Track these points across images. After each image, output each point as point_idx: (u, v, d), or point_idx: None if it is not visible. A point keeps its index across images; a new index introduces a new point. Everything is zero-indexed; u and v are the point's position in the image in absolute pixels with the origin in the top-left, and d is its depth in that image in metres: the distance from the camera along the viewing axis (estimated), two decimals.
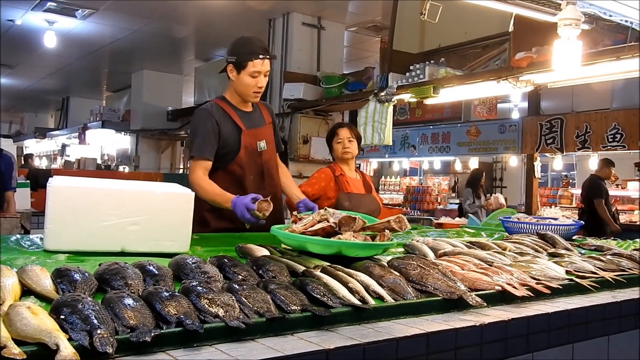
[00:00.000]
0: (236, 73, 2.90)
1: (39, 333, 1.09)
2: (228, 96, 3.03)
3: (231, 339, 1.28)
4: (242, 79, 2.89)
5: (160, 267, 1.64)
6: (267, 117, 3.13)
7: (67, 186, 2.05)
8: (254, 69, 2.86)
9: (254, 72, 2.87)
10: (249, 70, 2.86)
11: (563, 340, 1.80)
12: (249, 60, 2.85)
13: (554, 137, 9.35)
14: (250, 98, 2.98)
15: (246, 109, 3.03)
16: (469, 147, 10.93)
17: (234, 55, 2.90)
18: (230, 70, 2.92)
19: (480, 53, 6.23)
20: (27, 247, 2.07)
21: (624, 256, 2.50)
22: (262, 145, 3.00)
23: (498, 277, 1.88)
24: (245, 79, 2.88)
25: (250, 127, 2.98)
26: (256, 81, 2.89)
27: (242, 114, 2.99)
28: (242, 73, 2.88)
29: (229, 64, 2.92)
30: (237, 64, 2.89)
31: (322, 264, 1.83)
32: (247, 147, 2.94)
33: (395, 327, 1.48)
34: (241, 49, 2.90)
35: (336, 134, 3.74)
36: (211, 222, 2.95)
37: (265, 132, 3.05)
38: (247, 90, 2.92)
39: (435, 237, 2.81)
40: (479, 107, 10.63)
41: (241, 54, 2.88)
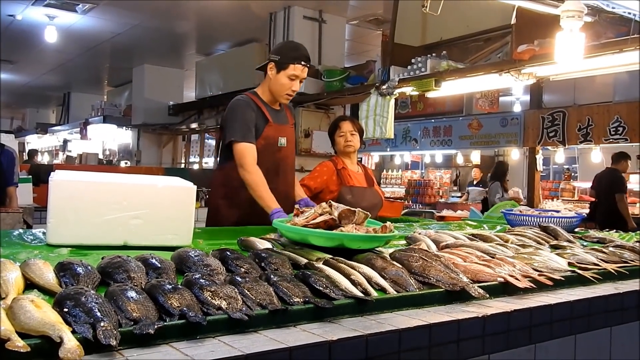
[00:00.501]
0: (275, 72, 3.03)
1: (42, 326, 1.09)
2: (259, 92, 3.14)
3: (234, 331, 1.28)
4: (279, 78, 3.02)
5: (163, 260, 1.64)
6: (290, 118, 3.24)
7: (70, 180, 2.05)
8: (293, 72, 3.00)
9: (292, 75, 3.00)
10: (289, 72, 3.00)
11: (565, 331, 1.80)
12: (291, 63, 3.00)
13: (556, 131, 9.33)
14: (282, 99, 3.10)
15: (274, 107, 3.15)
16: (471, 141, 10.91)
17: (279, 55, 3.04)
18: (270, 68, 3.05)
19: (482, 46, 6.21)
20: (29, 241, 2.07)
21: (626, 248, 2.50)
22: (283, 141, 3.11)
23: (500, 268, 1.88)
24: (282, 79, 3.01)
25: (276, 122, 3.09)
26: (292, 84, 3.02)
27: (271, 109, 3.11)
28: (282, 73, 3.01)
29: (271, 62, 3.04)
30: (279, 64, 3.02)
31: (324, 257, 1.83)
32: (267, 139, 3.04)
33: (398, 319, 1.48)
34: (287, 52, 3.06)
35: (338, 127, 3.74)
36: (222, 210, 3.08)
37: (288, 131, 3.16)
38: (281, 90, 3.03)
39: (437, 230, 2.81)
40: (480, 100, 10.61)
41: (286, 56, 3.03)
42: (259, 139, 3.01)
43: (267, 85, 3.10)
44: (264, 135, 3.02)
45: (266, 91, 3.12)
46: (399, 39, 6.73)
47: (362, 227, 2.11)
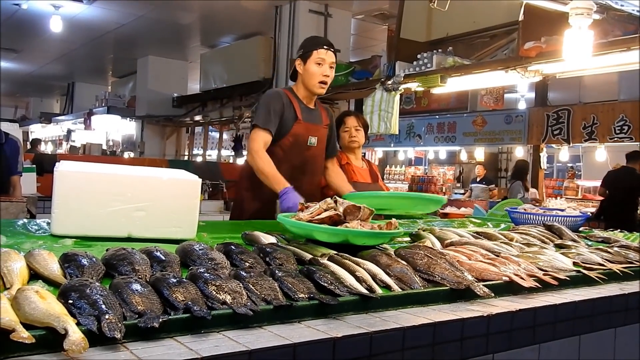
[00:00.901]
0: (303, 65, 3.05)
1: (47, 317, 1.09)
2: (295, 89, 3.15)
3: (238, 326, 1.28)
4: (308, 68, 3.04)
5: (168, 253, 1.64)
6: (325, 119, 3.22)
7: (74, 171, 2.04)
8: (318, 57, 3.02)
9: (318, 59, 3.02)
10: (314, 58, 3.02)
11: (569, 332, 1.79)
12: (313, 49, 3.03)
13: (560, 128, 9.31)
14: (316, 88, 3.08)
15: (309, 104, 3.14)
16: (475, 138, 10.89)
17: (301, 49, 3.09)
18: (298, 65, 3.08)
19: (489, 42, 6.18)
20: (34, 232, 2.07)
21: (631, 248, 2.48)
22: (313, 141, 3.11)
23: (505, 267, 1.88)
24: (311, 67, 3.03)
25: (307, 120, 3.09)
26: (322, 70, 3.03)
27: (304, 107, 3.11)
28: (308, 62, 3.03)
29: (297, 59, 3.08)
30: (303, 56, 3.06)
31: (329, 252, 1.82)
32: (296, 137, 3.04)
33: (402, 317, 1.47)
34: (307, 42, 3.13)
35: (343, 122, 3.73)
36: (245, 203, 3.13)
37: (319, 130, 3.15)
38: (313, 79, 3.04)
39: (441, 227, 2.80)
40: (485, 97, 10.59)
41: (307, 46, 3.08)
42: (287, 135, 3.02)
43: (300, 82, 3.12)
44: (292, 132, 3.03)
45: (301, 88, 3.12)
46: (405, 34, 6.70)
47: (367, 223, 2.11)
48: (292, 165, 2.99)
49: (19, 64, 14.38)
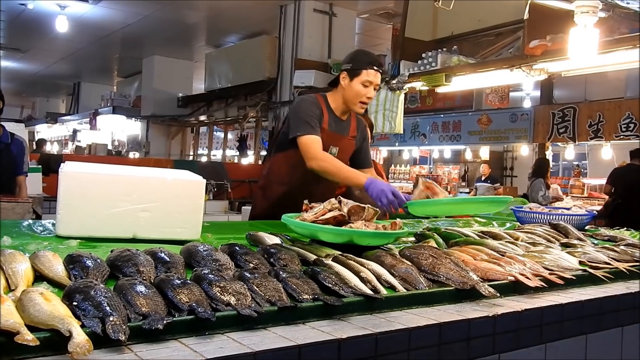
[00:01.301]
0: (349, 80, 2.95)
1: (51, 319, 1.09)
2: (330, 98, 3.06)
3: (243, 328, 1.27)
4: (353, 86, 2.94)
5: (172, 254, 1.64)
6: (353, 130, 3.13)
7: (79, 172, 2.04)
8: (366, 78, 2.91)
9: (366, 82, 2.92)
10: (362, 78, 2.91)
11: (576, 331, 1.78)
12: (364, 68, 2.92)
13: (566, 127, 9.26)
14: (356, 108, 3.01)
15: (341, 116, 3.06)
16: (480, 136, 10.85)
17: (350, 63, 2.97)
18: (343, 78, 2.97)
19: (494, 41, 6.15)
20: (39, 233, 2.08)
21: (637, 247, 2.47)
22: (334, 151, 3.02)
23: (511, 267, 1.87)
24: (356, 86, 2.93)
25: (332, 130, 3.01)
26: (366, 91, 2.93)
27: (334, 117, 3.03)
28: (355, 80, 2.93)
29: (343, 72, 2.97)
30: (351, 71, 2.94)
31: (333, 253, 1.82)
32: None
33: (407, 317, 1.47)
34: (359, 58, 2.99)
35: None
36: (257, 201, 3.18)
37: (344, 142, 3.06)
38: (356, 98, 2.95)
39: (446, 227, 2.80)
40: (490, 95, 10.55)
41: (358, 62, 2.95)
42: None
43: (339, 94, 3.01)
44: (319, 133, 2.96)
45: (337, 100, 3.02)
46: (410, 33, 6.69)
47: (372, 223, 2.10)
48: (305, 171, 2.92)
49: (25, 64, 14.44)
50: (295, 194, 2.79)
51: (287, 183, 3.00)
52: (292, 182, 2.98)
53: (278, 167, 3.05)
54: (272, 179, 3.07)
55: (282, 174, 3.02)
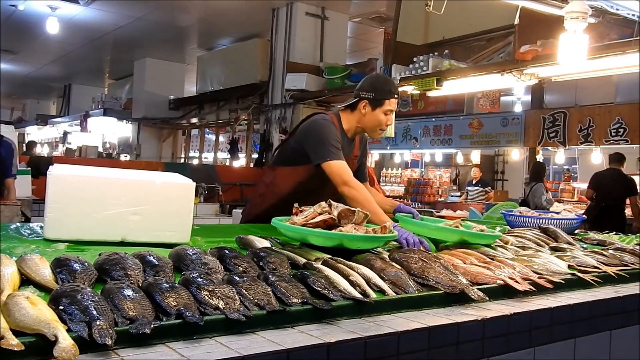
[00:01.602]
0: (370, 109, 2.93)
1: (37, 324, 1.08)
2: (343, 119, 3.03)
3: (231, 332, 1.27)
4: (376, 115, 2.93)
5: (161, 257, 1.63)
6: (356, 150, 3.14)
7: (68, 174, 2.03)
8: (389, 107, 2.93)
9: (388, 110, 2.93)
10: (385, 108, 2.92)
11: (565, 335, 1.79)
12: (387, 98, 2.92)
13: (556, 131, 9.32)
14: (375, 134, 3.03)
15: (350, 137, 3.06)
16: (471, 140, 10.90)
17: (372, 92, 2.93)
18: (363, 106, 2.94)
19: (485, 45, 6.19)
20: (26, 236, 2.06)
21: (626, 251, 2.48)
22: None
23: (500, 271, 1.87)
24: (379, 115, 2.93)
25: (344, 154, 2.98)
26: (387, 119, 2.95)
27: (345, 138, 3.02)
28: (378, 110, 2.92)
29: (364, 100, 2.94)
30: (374, 101, 2.92)
31: (323, 257, 1.82)
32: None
33: (397, 321, 1.47)
34: (382, 87, 2.96)
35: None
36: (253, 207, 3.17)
37: (348, 162, 3.01)
38: (377, 126, 2.96)
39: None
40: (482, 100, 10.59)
41: (381, 92, 2.93)
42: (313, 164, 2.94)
43: (355, 118, 2.99)
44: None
45: (351, 123, 3.00)
46: (402, 37, 6.71)
47: (362, 227, 2.10)
48: (311, 189, 2.92)
49: (16, 66, 14.35)
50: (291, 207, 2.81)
51: (287, 196, 2.98)
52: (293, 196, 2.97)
53: (282, 179, 3.03)
54: (274, 190, 3.05)
55: (287, 187, 3.01)
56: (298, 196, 2.88)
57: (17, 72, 15.00)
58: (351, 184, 2.77)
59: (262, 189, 3.18)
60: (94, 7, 9.16)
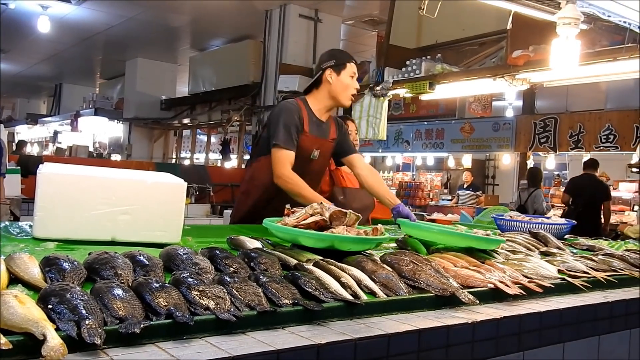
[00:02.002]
0: (336, 74, 2.99)
1: (25, 323, 1.07)
2: (310, 101, 3.07)
3: (222, 332, 1.26)
4: (342, 79, 2.99)
5: (151, 257, 1.62)
6: (333, 133, 3.15)
7: (58, 173, 2.01)
8: (352, 70, 3.01)
9: (352, 73, 3.01)
10: (349, 70, 2.99)
11: (554, 339, 1.79)
12: (347, 61, 3.01)
13: (547, 137, 9.38)
14: (347, 101, 3.06)
15: (321, 117, 3.08)
16: (463, 144, 10.95)
17: (332, 59, 3.02)
18: (329, 74, 3.00)
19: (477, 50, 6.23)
20: (15, 235, 2.04)
21: (615, 256, 2.50)
22: (316, 154, 3.04)
23: (490, 274, 1.88)
24: (346, 79, 3.00)
25: (313, 133, 3.02)
26: (354, 82, 3.03)
27: (315, 119, 3.04)
28: (343, 73, 2.99)
29: (327, 68, 3.00)
30: (337, 66, 3.00)
31: (314, 258, 1.81)
32: (300, 149, 2.97)
33: (387, 323, 1.46)
34: (339, 54, 3.08)
35: (346, 126, 3.73)
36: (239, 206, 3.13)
37: (324, 145, 3.08)
38: (346, 90, 3.01)
39: None
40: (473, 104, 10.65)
41: (340, 57, 3.03)
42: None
43: (323, 93, 3.03)
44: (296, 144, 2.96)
45: (321, 99, 3.04)
46: (394, 40, 6.73)
47: (353, 228, 2.10)
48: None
49: (6, 64, 14.25)
50: (277, 199, 2.80)
51: (270, 187, 2.99)
52: (275, 187, 2.98)
53: (261, 172, 3.03)
54: (256, 184, 3.05)
55: (266, 178, 3.01)
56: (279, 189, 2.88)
57: (7, 70, 14.89)
58: (284, 177, 2.83)
59: (244, 186, 3.18)
60: (85, 7, 9.12)
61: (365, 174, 3.13)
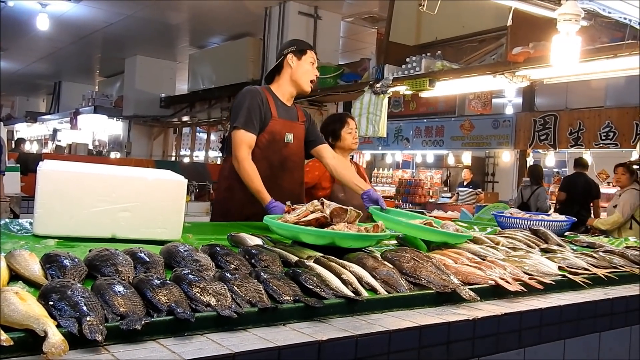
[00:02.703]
0: (297, 59, 3.08)
1: (26, 319, 1.07)
2: (274, 88, 3.14)
3: (223, 329, 1.26)
4: (303, 65, 3.09)
5: (152, 254, 1.62)
6: (301, 116, 3.21)
7: (58, 170, 2.01)
8: (311, 57, 3.11)
9: (312, 59, 3.11)
10: (308, 57, 3.10)
11: (555, 336, 1.79)
12: (307, 49, 3.13)
13: (547, 134, 9.37)
14: (307, 86, 3.12)
15: (286, 102, 3.14)
16: (462, 142, 10.95)
17: (293, 45, 3.13)
18: (290, 59, 3.08)
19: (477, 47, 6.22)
20: (16, 232, 2.04)
21: (616, 253, 2.50)
22: (290, 137, 3.08)
23: (491, 271, 1.88)
24: (306, 64, 3.09)
25: (283, 117, 3.07)
26: (314, 69, 3.12)
27: (281, 104, 3.10)
28: (303, 59, 3.08)
29: (289, 54, 3.09)
30: (297, 52, 3.09)
31: (315, 255, 1.81)
32: (273, 134, 3.01)
33: (388, 320, 1.46)
34: (298, 42, 3.20)
35: (347, 123, 3.75)
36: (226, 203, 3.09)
37: (295, 127, 3.13)
38: (306, 75, 3.09)
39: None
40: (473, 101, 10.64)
41: (300, 44, 3.15)
42: (263, 132, 2.98)
43: (286, 78, 3.10)
44: (268, 130, 2.99)
45: (283, 84, 3.11)
46: (394, 37, 6.72)
47: (354, 225, 2.10)
48: (270, 163, 2.97)
49: (5, 62, 14.22)
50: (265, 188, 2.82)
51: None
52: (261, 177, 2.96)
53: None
54: (236, 176, 2.98)
55: None
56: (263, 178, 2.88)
57: (6, 68, 14.87)
58: (239, 159, 2.87)
59: (224, 183, 3.12)
60: (84, 4, 9.10)
61: (334, 164, 3.17)
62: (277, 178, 2.97)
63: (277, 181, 2.94)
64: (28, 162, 7.29)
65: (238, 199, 3.00)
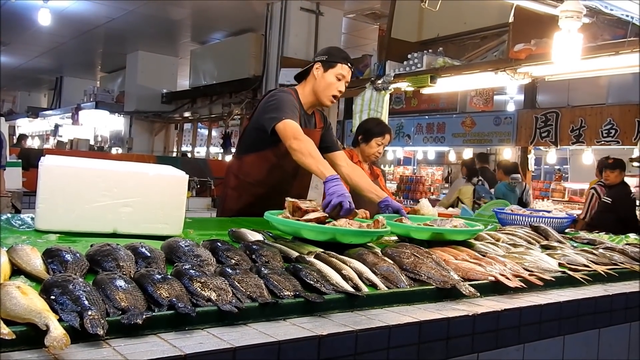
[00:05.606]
0: (322, 71, 2.93)
1: (28, 313, 1.08)
2: (300, 91, 3.03)
3: (223, 323, 1.27)
4: (327, 77, 2.93)
5: (153, 249, 1.62)
6: (319, 122, 3.14)
7: (60, 166, 2.02)
8: (340, 72, 2.92)
9: (340, 75, 2.93)
10: (337, 71, 2.92)
11: (554, 332, 1.80)
12: (339, 62, 2.93)
13: (548, 131, 9.36)
14: (326, 100, 2.98)
15: (308, 111, 3.06)
16: (464, 138, 10.92)
17: (326, 55, 2.96)
18: (316, 68, 2.95)
19: (479, 44, 6.21)
20: (17, 227, 2.05)
21: (616, 250, 2.50)
22: None
23: (491, 267, 1.88)
24: (330, 77, 2.92)
25: (304, 126, 2.95)
26: (339, 84, 2.94)
27: (303, 113, 3.01)
28: (329, 72, 2.92)
29: (317, 62, 2.96)
30: (326, 63, 2.93)
31: (315, 250, 1.82)
32: None
33: (388, 315, 1.47)
34: (335, 52, 3.00)
35: (384, 136, 3.86)
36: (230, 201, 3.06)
37: (313, 135, 3.01)
38: (328, 90, 2.94)
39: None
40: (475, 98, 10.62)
41: (334, 55, 2.96)
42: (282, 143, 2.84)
43: (309, 87, 2.99)
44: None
45: (306, 92, 3.00)
46: (396, 34, 6.72)
47: (355, 221, 2.11)
48: (284, 171, 2.94)
49: (7, 57, 14.21)
50: (272, 193, 2.80)
51: (264, 183, 2.98)
52: (270, 182, 2.97)
53: (252, 167, 2.99)
54: (247, 180, 3.02)
55: (259, 174, 2.98)
56: (274, 184, 2.87)
57: (8, 64, 14.86)
58: (301, 137, 2.67)
59: (233, 181, 3.10)
60: None
61: (347, 171, 3.07)
62: (287, 184, 2.96)
63: (286, 187, 2.92)
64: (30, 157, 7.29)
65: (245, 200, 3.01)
